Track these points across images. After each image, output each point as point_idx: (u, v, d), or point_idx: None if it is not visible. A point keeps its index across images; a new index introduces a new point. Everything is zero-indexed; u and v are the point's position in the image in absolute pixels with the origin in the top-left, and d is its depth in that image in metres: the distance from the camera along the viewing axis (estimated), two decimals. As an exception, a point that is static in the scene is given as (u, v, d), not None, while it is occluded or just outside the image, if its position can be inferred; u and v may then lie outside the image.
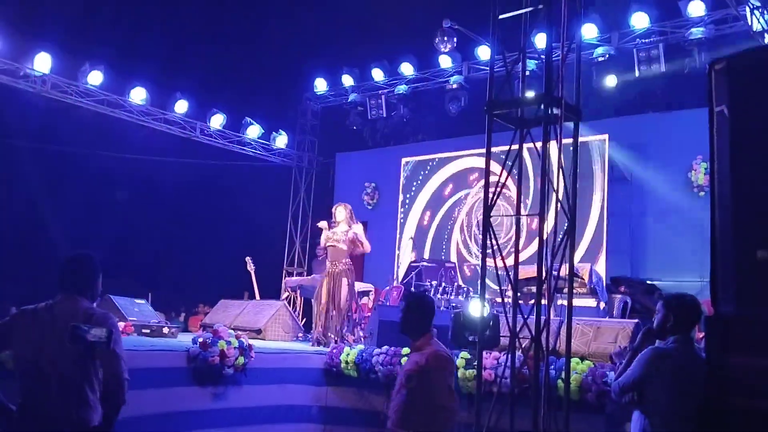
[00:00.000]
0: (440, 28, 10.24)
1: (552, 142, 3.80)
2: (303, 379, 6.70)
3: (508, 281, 4.19)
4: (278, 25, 11.60)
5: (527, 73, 4.49)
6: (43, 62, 9.66)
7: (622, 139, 10.03)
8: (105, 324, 2.83)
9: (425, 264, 9.73)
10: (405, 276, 9.67)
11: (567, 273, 4.04)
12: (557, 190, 3.75)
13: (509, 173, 3.78)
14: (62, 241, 9.64)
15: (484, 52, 10.29)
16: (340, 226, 7.90)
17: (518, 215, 3.92)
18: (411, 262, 9.89)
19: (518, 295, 4.03)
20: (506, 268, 3.95)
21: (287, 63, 12.11)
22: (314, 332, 7.84)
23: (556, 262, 3.98)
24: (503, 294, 4.99)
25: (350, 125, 12.47)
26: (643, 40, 9.36)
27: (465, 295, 8.87)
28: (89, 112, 10.38)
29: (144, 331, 6.99)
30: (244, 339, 6.13)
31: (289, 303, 9.53)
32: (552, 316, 6.14)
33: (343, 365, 6.82)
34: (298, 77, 12.79)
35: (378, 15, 10.59)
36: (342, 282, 7.77)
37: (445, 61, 11.12)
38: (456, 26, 10.13)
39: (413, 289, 9.11)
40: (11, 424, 2.91)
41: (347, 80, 12.25)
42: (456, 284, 9.07)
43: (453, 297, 8.80)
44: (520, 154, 3.90)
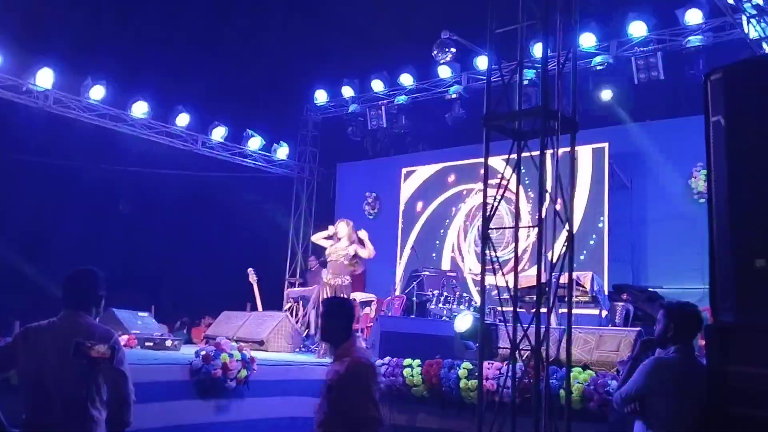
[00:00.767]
0: (439, 39, 10.31)
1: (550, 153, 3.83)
2: (305, 392, 6.68)
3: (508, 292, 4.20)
4: (278, 38, 11.67)
5: (526, 82, 4.53)
6: (46, 77, 9.72)
7: (622, 147, 10.06)
8: (108, 341, 2.84)
9: (427, 273, 9.74)
10: (406, 286, 9.68)
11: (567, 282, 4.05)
12: (555, 201, 3.78)
13: (506, 188, 3.80)
14: (65, 255, 9.66)
15: (483, 62, 10.34)
16: (342, 242, 7.92)
17: (517, 227, 3.94)
18: (412, 272, 9.89)
19: (520, 305, 4.04)
20: (506, 280, 3.96)
21: (287, 75, 12.17)
22: (322, 344, 7.80)
23: (556, 271, 4.00)
24: (502, 304, 5.00)
25: (351, 136, 12.55)
26: (641, 49, 9.41)
27: (467, 305, 8.88)
28: (91, 126, 10.44)
29: (147, 344, 7.01)
30: (247, 351, 6.14)
31: (292, 314, 9.54)
32: (554, 325, 6.16)
33: (346, 376, 6.82)
34: (299, 89, 12.86)
35: (377, 26, 10.66)
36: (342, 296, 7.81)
37: (445, 72, 11.18)
38: (455, 37, 10.20)
39: (414, 299, 9.14)
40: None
41: (347, 91, 12.32)
42: (457, 293, 9.08)
43: (455, 306, 8.81)
44: (518, 166, 3.93)
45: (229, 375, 5.84)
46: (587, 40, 9.69)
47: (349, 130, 12.45)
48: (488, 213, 3.90)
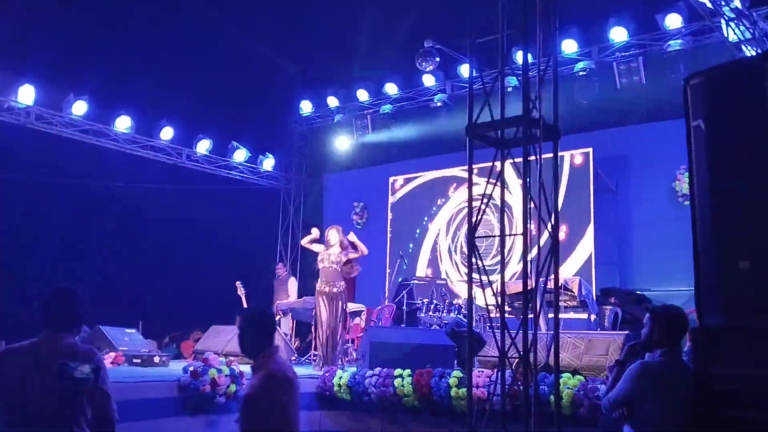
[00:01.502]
0: (422, 48, 10.36)
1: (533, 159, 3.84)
2: (296, 404, 6.65)
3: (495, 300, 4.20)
4: (262, 50, 11.67)
5: (509, 90, 4.55)
6: (27, 94, 9.66)
7: (607, 152, 10.13)
8: (91, 361, 2.81)
9: (416, 282, 9.73)
10: (396, 295, 9.66)
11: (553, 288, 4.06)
12: (539, 207, 3.79)
13: (490, 196, 3.81)
14: (49, 272, 9.57)
15: (467, 70, 10.38)
16: (334, 249, 7.93)
17: (503, 235, 3.94)
18: (401, 280, 9.88)
19: (508, 311, 4.05)
20: (492, 288, 3.97)
21: (272, 86, 12.17)
22: (323, 354, 7.76)
23: (543, 277, 4.00)
24: (489, 312, 5.00)
25: (337, 146, 12.53)
26: (623, 54, 9.50)
27: (457, 312, 8.87)
28: (74, 142, 10.37)
29: (135, 361, 6.94)
30: (236, 366, 6.10)
31: (281, 326, 9.48)
32: (543, 330, 6.17)
33: (336, 388, 6.79)
34: (284, 100, 12.86)
35: (361, 36, 10.68)
36: (338, 306, 7.80)
37: (429, 80, 11.23)
38: (438, 46, 10.25)
39: (404, 308, 9.12)
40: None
41: (332, 101, 12.33)
42: (448, 301, 9.08)
43: (445, 314, 8.81)
44: (502, 175, 3.94)
45: (218, 390, 5.81)
46: (569, 47, 9.77)
47: (335, 140, 12.45)
48: (473, 222, 3.91)
